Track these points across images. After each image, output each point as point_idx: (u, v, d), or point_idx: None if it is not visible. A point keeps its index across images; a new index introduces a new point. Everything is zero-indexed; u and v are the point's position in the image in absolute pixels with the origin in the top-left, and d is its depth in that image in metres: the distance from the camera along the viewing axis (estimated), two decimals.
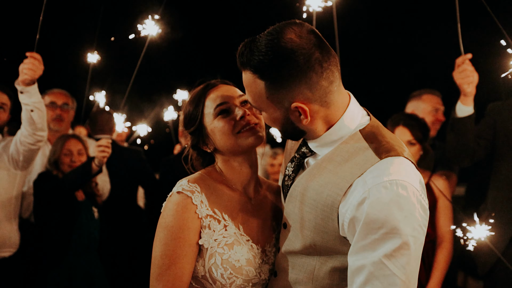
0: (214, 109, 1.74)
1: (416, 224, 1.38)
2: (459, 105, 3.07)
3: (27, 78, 2.95)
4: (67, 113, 3.99)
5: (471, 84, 2.93)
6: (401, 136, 3.18)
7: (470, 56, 2.90)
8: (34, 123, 3.00)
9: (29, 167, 3.34)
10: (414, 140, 3.18)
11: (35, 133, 3.04)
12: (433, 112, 3.69)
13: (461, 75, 2.92)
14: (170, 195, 1.73)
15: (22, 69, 2.95)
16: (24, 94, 2.99)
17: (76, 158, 3.51)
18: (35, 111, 2.99)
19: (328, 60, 1.45)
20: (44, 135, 3.11)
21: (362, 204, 1.39)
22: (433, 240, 3.20)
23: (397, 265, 1.36)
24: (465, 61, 2.90)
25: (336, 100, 1.51)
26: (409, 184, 1.39)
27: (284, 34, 1.42)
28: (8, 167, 3.22)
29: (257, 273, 1.70)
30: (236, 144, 1.73)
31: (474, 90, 2.97)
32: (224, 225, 1.70)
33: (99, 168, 3.38)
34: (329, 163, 1.53)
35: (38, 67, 2.96)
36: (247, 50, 1.47)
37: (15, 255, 3.27)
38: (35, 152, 3.22)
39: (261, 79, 1.46)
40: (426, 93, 3.76)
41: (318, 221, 1.51)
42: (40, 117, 3.04)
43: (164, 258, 1.63)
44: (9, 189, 3.23)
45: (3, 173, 3.21)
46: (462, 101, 3.04)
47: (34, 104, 2.99)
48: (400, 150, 1.48)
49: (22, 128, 3.06)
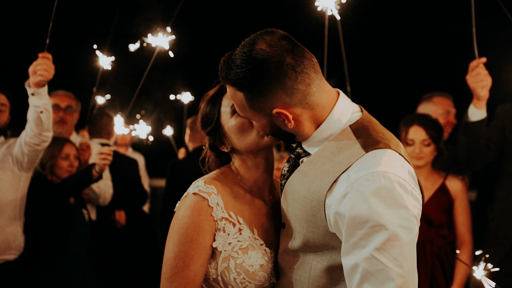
0: (231, 107, 1.73)
1: (405, 213, 1.37)
2: (472, 109, 3.04)
3: (42, 79, 2.91)
4: (70, 116, 3.95)
5: (485, 88, 2.90)
6: (416, 135, 3.15)
7: (485, 60, 2.88)
8: (41, 124, 2.98)
9: (32, 169, 3.30)
10: (429, 140, 3.15)
11: (41, 133, 3.01)
12: (445, 114, 3.66)
13: (475, 78, 2.89)
14: (185, 195, 1.70)
15: (36, 70, 2.89)
16: (35, 96, 2.95)
17: (74, 163, 3.54)
18: (44, 112, 2.96)
19: (302, 63, 1.48)
20: (49, 135, 3.09)
21: (344, 199, 1.41)
22: (451, 242, 3.17)
23: (389, 258, 1.34)
24: (479, 64, 2.88)
25: (319, 101, 1.53)
26: (393, 175, 1.38)
27: (255, 45, 1.47)
28: (13, 169, 3.20)
29: (268, 278, 1.68)
30: (253, 141, 1.71)
31: (488, 94, 2.95)
32: (239, 228, 1.67)
33: (99, 175, 3.38)
34: (318, 160, 1.55)
35: (51, 67, 2.93)
36: (225, 65, 1.53)
37: (19, 258, 3.24)
38: (40, 153, 3.20)
39: (240, 91, 1.53)
40: (437, 95, 3.74)
41: (308, 217, 1.53)
42: (47, 118, 3.01)
43: (178, 259, 1.61)
44: (14, 191, 3.21)
45: (8, 174, 3.19)
46: (475, 104, 3.01)
47: (44, 106, 2.96)
48: (388, 143, 1.48)
49: (27, 129, 3.03)
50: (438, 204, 3.15)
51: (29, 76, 2.94)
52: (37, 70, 2.89)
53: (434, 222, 3.13)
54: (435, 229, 3.12)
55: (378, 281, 1.35)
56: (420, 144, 3.14)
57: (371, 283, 1.36)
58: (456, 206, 3.17)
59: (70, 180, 3.42)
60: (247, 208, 1.73)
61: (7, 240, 3.15)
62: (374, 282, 1.36)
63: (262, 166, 1.79)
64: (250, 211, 1.74)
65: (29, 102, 2.98)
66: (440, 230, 3.13)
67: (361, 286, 1.38)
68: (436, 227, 3.13)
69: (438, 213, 3.13)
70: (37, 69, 2.89)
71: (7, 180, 3.18)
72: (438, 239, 3.12)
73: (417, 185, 1.48)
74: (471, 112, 3.05)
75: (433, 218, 3.12)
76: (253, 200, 1.77)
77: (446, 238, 3.15)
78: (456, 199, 3.17)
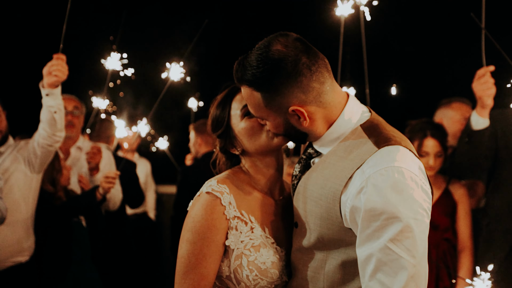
0: (241, 110, 1.77)
1: (417, 207, 1.43)
2: (476, 117, 3.03)
3: (57, 80, 2.96)
4: (77, 119, 3.97)
5: (491, 96, 2.90)
6: (431, 148, 3.15)
7: (493, 68, 2.87)
8: (55, 124, 3.02)
9: (42, 171, 3.34)
10: (442, 151, 3.17)
11: (54, 133, 3.05)
12: (462, 120, 3.60)
13: (482, 87, 2.88)
14: (198, 194, 1.74)
15: (51, 71, 2.94)
16: (50, 97, 3.00)
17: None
18: (58, 112, 3.00)
19: (316, 63, 1.55)
20: (62, 135, 3.14)
21: (360, 193, 1.46)
22: (454, 246, 3.20)
23: (403, 248, 1.40)
24: (487, 73, 2.87)
25: (331, 100, 1.60)
26: (406, 170, 1.45)
27: (271, 46, 1.53)
28: (25, 171, 3.24)
29: (280, 276, 1.72)
30: (263, 143, 1.76)
31: (493, 102, 2.94)
32: (251, 227, 1.71)
33: (102, 197, 3.44)
34: (331, 158, 1.60)
35: (65, 68, 2.98)
36: (241, 66, 1.59)
37: (30, 260, 3.26)
38: (52, 153, 3.24)
39: (257, 91, 1.58)
40: (456, 101, 3.71)
41: (323, 214, 1.57)
42: (61, 118, 3.06)
43: (191, 256, 1.65)
44: (26, 192, 3.24)
45: (20, 176, 3.22)
46: (479, 113, 3.00)
47: (58, 106, 3.02)
48: (399, 140, 1.55)
49: (41, 130, 3.07)
50: (442, 208, 3.18)
51: (44, 77, 2.99)
52: (52, 71, 2.94)
53: (439, 226, 3.15)
54: (440, 233, 3.15)
55: (392, 270, 1.41)
56: (434, 156, 3.16)
57: (384, 272, 1.42)
58: (459, 210, 3.20)
59: (74, 203, 3.47)
60: (258, 208, 1.77)
61: (20, 241, 3.18)
62: (387, 271, 1.42)
63: (272, 167, 1.83)
64: (261, 210, 1.77)
65: (43, 102, 3.03)
66: (445, 234, 3.16)
67: (375, 275, 1.44)
68: (441, 231, 3.16)
69: (443, 217, 3.16)
70: (51, 70, 2.94)
71: (20, 181, 3.21)
72: (443, 243, 3.15)
73: (427, 180, 1.54)
74: (474, 120, 3.03)
75: (438, 223, 3.15)
76: (264, 200, 1.80)
77: (450, 241, 3.18)
78: (459, 203, 3.20)
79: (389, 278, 1.42)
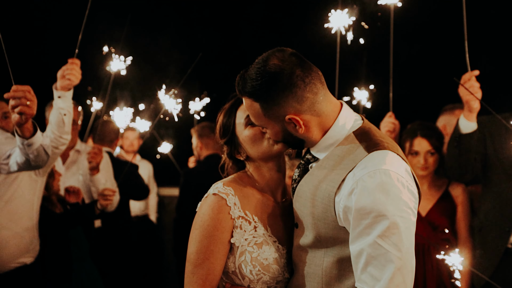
0: (245, 119, 1.91)
1: (403, 205, 1.57)
2: (463, 121, 3.06)
3: (69, 83, 3.05)
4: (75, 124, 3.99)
5: (477, 101, 2.93)
6: (420, 147, 3.26)
7: (478, 72, 2.91)
8: (63, 126, 3.07)
9: (46, 174, 3.38)
10: (433, 150, 3.25)
11: (61, 136, 3.09)
12: None
13: None
14: (206, 196, 1.88)
15: (65, 75, 3.03)
16: (61, 99, 3.07)
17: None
18: (67, 115, 3.07)
19: (310, 75, 1.69)
20: (68, 138, 3.16)
21: (351, 194, 1.61)
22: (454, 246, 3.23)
23: (390, 243, 1.54)
24: (472, 77, 2.89)
25: (325, 109, 1.74)
26: (393, 172, 1.59)
27: (269, 60, 1.69)
28: (30, 173, 3.25)
29: (282, 272, 1.85)
30: (265, 149, 1.90)
31: (479, 106, 2.98)
32: (254, 226, 1.85)
33: (100, 212, 3.55)
34: (327, 163, 1.75)
35: (79, 72, 3.07)
36: (242, 79, 1.75)
37: (35, 262, 3.27)
38: (57, 156, 3.25)
39: (256, 101, 1.73)
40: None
41: (320, 214, 1.71)
42: (69, 121, 3.12)
43: (199, 253, 1.79)
44: (31, 194, 3.25)
45: (25, 178, 3.23)
46: (467, 117, 3.04)
47: (68, 109, 3.08)
48: (387, 145, 1.69)
49: (49, 132, 3.09)
50: (442, 210, 3.27)
51: (57, 79, 3.07)
52: (65, 75, 3.03)
53: (438, 228, 3.23)
54: (440, 233, 3.22)
55: (380, 264, 1.56)
56: (424, 155, 3.25)
57: (374, 265, 1.57)
58: (459, 212, 3.29)
59: (72, 216, 3.53)
60: (261, 209, 1.91)
61: (25, 243, 3.19)
62: (376, 264, 1.56)
63: (275, 171, 1.98)
64: (264, 211, 1.91)
65: (54, 104, 3.09)
66: (445, 235, 3.22)
67: (366, 268, 1.59)
68: (441, 232, 3.22)
69: (443, 218, 3.24)
70: (65, 74, 3.03)
71: (25, 184, 3.21)
72: (443, 244, 3.20)
73: (413, 181, 1.69)
74: (462, 125, 3.07)
75: (438, 224, 3.23)
76: (267, 202, 1.95)
77: (450, 242, 3.24)
78: (459, 205, 3.29)
79: (378, 271, 1.56)
